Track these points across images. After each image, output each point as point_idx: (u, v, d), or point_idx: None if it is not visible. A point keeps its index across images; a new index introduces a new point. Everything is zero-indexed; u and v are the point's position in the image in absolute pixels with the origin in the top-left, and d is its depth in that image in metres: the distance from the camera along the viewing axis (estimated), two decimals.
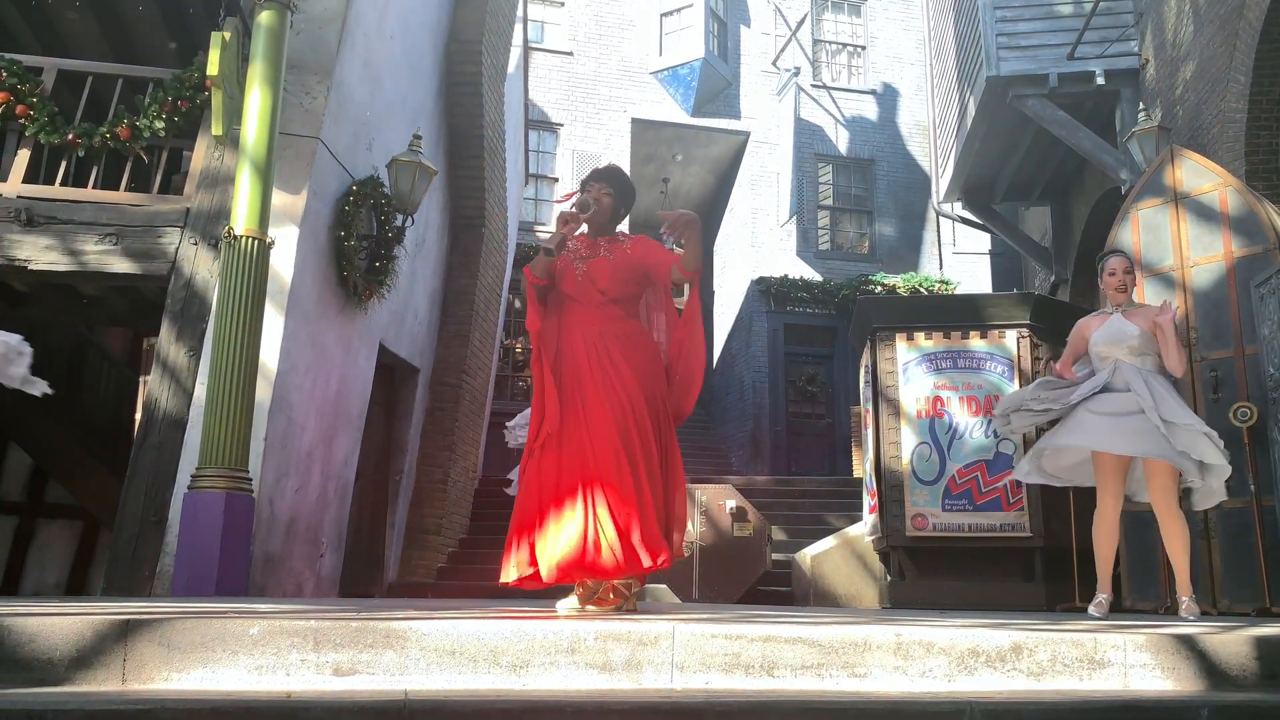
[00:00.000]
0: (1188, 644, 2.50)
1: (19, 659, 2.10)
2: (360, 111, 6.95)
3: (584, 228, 3.75)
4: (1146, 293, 6.46)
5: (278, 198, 5.74)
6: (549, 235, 3.90)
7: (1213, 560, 5.83)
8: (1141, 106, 8.60)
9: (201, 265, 5.97)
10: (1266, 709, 2.31)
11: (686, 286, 3.84)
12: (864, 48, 16.66)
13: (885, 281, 15.16)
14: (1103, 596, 4.46)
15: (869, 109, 16.34)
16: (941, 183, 12.54)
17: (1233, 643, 2.52)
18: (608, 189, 3.83)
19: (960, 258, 15.90)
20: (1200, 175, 6.36)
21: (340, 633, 2.24)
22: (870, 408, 7.61)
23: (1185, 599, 4.33)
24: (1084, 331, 4.76)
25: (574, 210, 3.64)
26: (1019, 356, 7.13)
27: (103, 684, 2.12)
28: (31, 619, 2.15)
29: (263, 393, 5.47)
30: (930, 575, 7.04)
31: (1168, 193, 6.48)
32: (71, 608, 2.82)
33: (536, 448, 3.59)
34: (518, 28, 11.34)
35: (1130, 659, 2.47)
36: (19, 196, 6.10)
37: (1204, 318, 6.14)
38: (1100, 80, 9.29)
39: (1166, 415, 4.27)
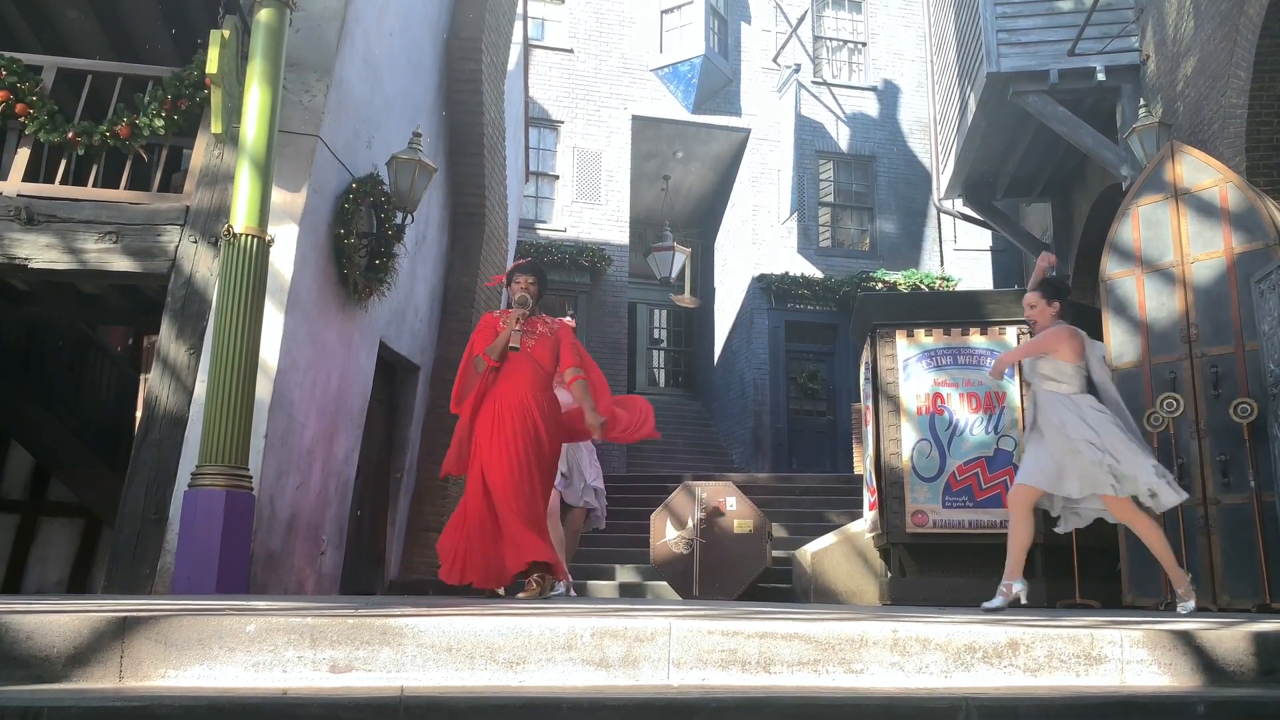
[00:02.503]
0: (1185, 640, 2.50)
1: (16, 656, 2.10)
2: (360, 109, 6.95)
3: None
4: (1147, 288, 6.46)
5: (277, 195, 5.74)
6: (511, 333, 4.94)
7: (1213, 556, 5.83)
8: (1142, 102, 8.58)
9: (201, 263, 5.97)
10: (1263, 704, 2.31)
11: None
12: (864, 44, 16.64)
13: (886, 278, 15.14)
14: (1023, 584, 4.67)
15: (870, 105, 16.32)
16: (942, 179, 12.53)
17: (1230, 638, 2.52)
18: (533, 279, 5.07)
19: (961, 254, 15.89)
20: (1201, 171, 6.36)
21: (337, 629, 2.24)
22: (871, 404, 7.61)
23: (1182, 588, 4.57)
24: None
25: (520, 308, 4.96)
26: None
27: (100, 681, 2.12)
28: (29, 616, 2.16)
29: (263, 390, 5.48)
30: (931, 572, 7.05)
31: (1168, 189, 6.48)
32: (69, 605, 2.83)
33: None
34: (518, 25, 11.33)
35: (1127, 655, 2.47)
36: (19, 195, 6.10)
37: (1204, 314, 6.13)
38: (1101, 76, 9.27)
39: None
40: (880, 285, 14.96)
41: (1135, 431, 4.74)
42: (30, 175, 6.25)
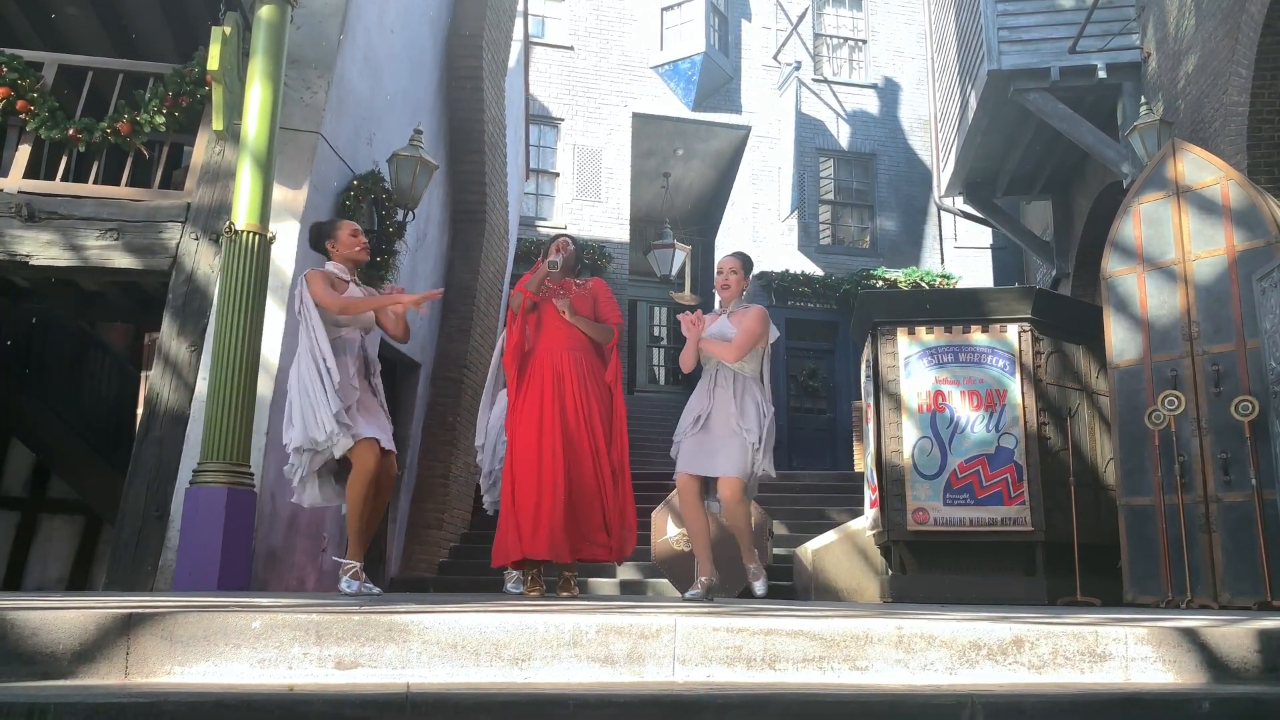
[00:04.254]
0: (1189, 637, 2.51)
1: (22, 653, 2.10)
2: (361, 106, 6.95)
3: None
4: (1148, 286, 6.46)
5: (279, 193, 5.74)
6: (550, 255, 4.94)
7: (1214, 554, 5.84)
8: (1143, 100, 8.58)
9: (203, 260, 5.97)
10: (1268, 701, 2.31)
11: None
12: (865, 42, 16.63)
13: (886, 276, 15.14)
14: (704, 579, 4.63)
15: (870, 103, 16.31)
16: (943, 177, 12.52)
17: (1234, 636, 2.52)
18: (573, 247, 5.11)
19: (961, 252, 15.88)
20: (1202, 169, 6.35)
21: (342, 626, 2.24)
22: (871, 402, 7.61)
23: (752, 566, 4.68)
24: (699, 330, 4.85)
25: (556, 258, 4.91)
26: (1020, 350, 7.13)
27: (105, 677, 2.12)
28: (34, 613, 2.16)
29: (264, 387, 5.47)
30: (931, 569, 7.05)
31: (1169, 186, 6.48)
32: (74, 601, 2.82)
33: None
34: (518, 22, 11.32)
35: (1131, 652, 2.47)
36: (20, 191, 6.10)
37: (1205, 312, 6.13)
38: (1102, 74, 9.27)
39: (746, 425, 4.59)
40: (880, 283, 14.96)
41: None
42: (31, 172, 6.25)
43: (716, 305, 5.05)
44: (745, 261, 4.99)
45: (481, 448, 5.92)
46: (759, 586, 4.73)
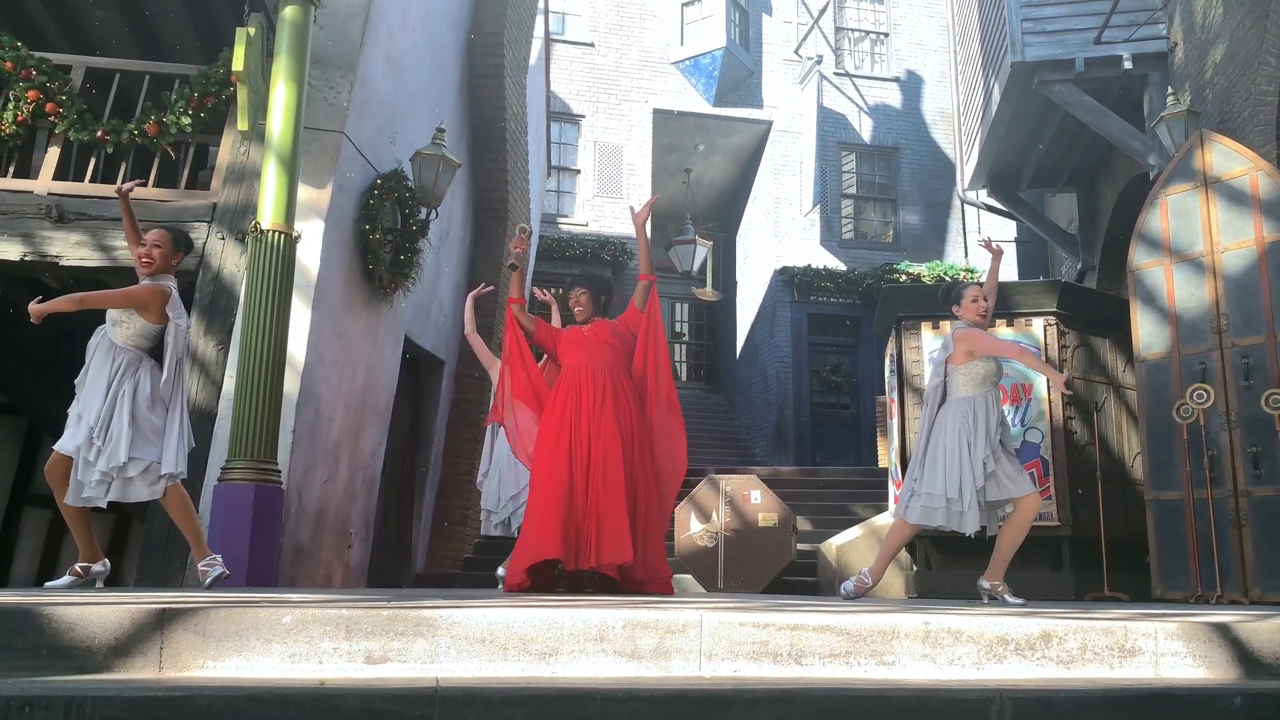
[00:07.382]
0: (1220, 632, 2.48)
1: (59, 647, 2.14)
2: (384, 105, 6.98)
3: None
4: (1176, 278, 6.39)
5: (303, 192, 5.78)
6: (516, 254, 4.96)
7: (1244, 549, 5.77)
8: (1170, 90, 8.48)
9: (229, 259, 6.03)
10: None
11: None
12: (887, 35, 16.54)
13: (910, 270, 15.06)
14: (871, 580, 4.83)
15: (892, 96, 16.22)
16: (966, 170, 12.43)
17: (1266, 631, 2.50)
18: (585, 291, 4.96)
19: None
20: (1231, 159, 6.28)
21: (372, 621, 2.26)
22: (895, 397, 7.58)
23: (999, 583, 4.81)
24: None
25: (518, 251, 4.94)
26: (1046, 345, 7.07)
27: (140, 671, 2.15)
28: (71, 608, 2.19)
29: (290, 385, 5.52)
30: (957, 564, 7.01)
31: (1197, 177, 6.40)
32: (109, 598, 2.86)
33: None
34: (539, 19, 11.34)
35: (1161, 647, 2.46)
36: (50, 193, 6.18)
37: (1235, 304, 6.07)
38: (1128, 64, 9.16)
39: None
40: (904, 277, 14.88)
41: None
42: (60, 174, 6.32)
43: (961, 326, 4.90)
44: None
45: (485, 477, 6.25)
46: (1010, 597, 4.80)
